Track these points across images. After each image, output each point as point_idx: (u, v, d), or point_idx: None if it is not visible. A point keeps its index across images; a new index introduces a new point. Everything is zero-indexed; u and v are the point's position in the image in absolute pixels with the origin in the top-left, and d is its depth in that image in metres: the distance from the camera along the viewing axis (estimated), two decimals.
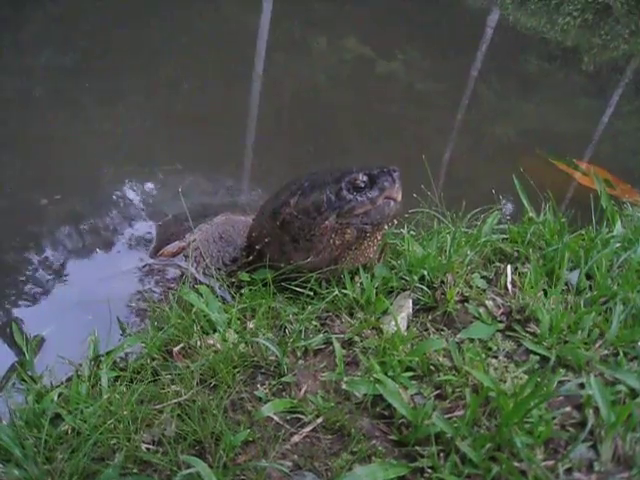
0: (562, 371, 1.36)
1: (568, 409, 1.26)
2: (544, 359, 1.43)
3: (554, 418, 1.22)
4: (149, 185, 3.01)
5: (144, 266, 2.18)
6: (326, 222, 1.66)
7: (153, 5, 6.24)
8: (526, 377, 1.38)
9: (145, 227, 2.54)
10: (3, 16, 5.24)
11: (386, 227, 1.76)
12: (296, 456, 1.23)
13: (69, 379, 1.56)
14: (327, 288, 1.72)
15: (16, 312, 2.01)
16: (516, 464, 1.11)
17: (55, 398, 1.38)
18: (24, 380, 1.55)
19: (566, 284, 1.71)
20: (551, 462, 1.15)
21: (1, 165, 3.00)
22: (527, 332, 1.53)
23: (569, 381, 1.33)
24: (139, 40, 5.14)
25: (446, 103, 5.05)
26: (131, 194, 2.85)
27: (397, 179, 1.65)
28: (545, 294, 1.67)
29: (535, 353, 1.46)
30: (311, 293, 1.70)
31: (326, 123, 4.21)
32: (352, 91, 5.15)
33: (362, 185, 1.64)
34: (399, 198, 1.67)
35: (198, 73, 4.74)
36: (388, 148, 3.89)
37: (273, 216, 1.79)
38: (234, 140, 3.76)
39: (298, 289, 1.71)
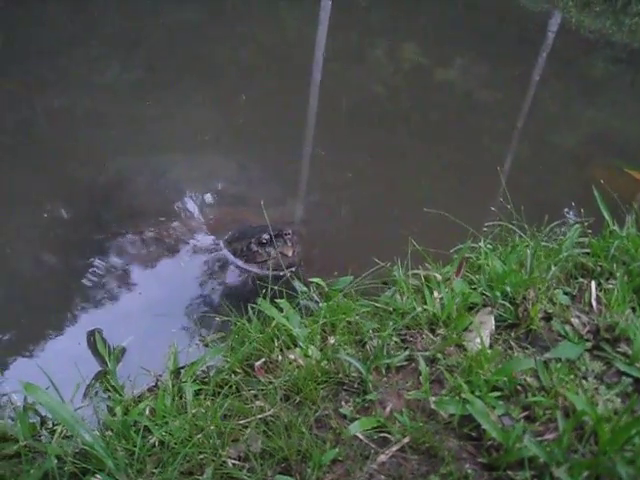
0: None
1: None
2: (638, 381, 1.37)
3: None
4: (211, 196, 3.07)
5: (221, 277, 2.23)
6: (239, 262, 2.46)
7: (215, 19, 6.39)
8: (619, 400, 1.33)
9: (212, 238, 2.59)
10: (74, 34, 5.47)
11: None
12: (383, 476, 1.21)
13: (150, 390, 1.59)
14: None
15: (96, 322, 2.07)
16: None
17: (146, 412, 1.39)
18: (107, 389, 1.59)
19: None
20: None
21: (71, 180, 3.11)
22: (618, 352, 1.47)
23: None
24: (201, 54, 5.27)
25: (506, 111, 4.94)
26: (196, 205, 2.91)
27: (288, 240, 2.33)
28: (633, 312, 1.60)
29: (628, 375, 1.40)
30: (390, 308, 1.68)
31: (383, 132, 4.18)
32: (409, 100, 5.12)
33: (265, 242, 2.33)
34: (290, 254, 2.33)
35: (258, 84, 4.81)
36: (446, 158, 3.84)
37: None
38: (292, 149, 3.79)
39: (378, 305, 1.70)
